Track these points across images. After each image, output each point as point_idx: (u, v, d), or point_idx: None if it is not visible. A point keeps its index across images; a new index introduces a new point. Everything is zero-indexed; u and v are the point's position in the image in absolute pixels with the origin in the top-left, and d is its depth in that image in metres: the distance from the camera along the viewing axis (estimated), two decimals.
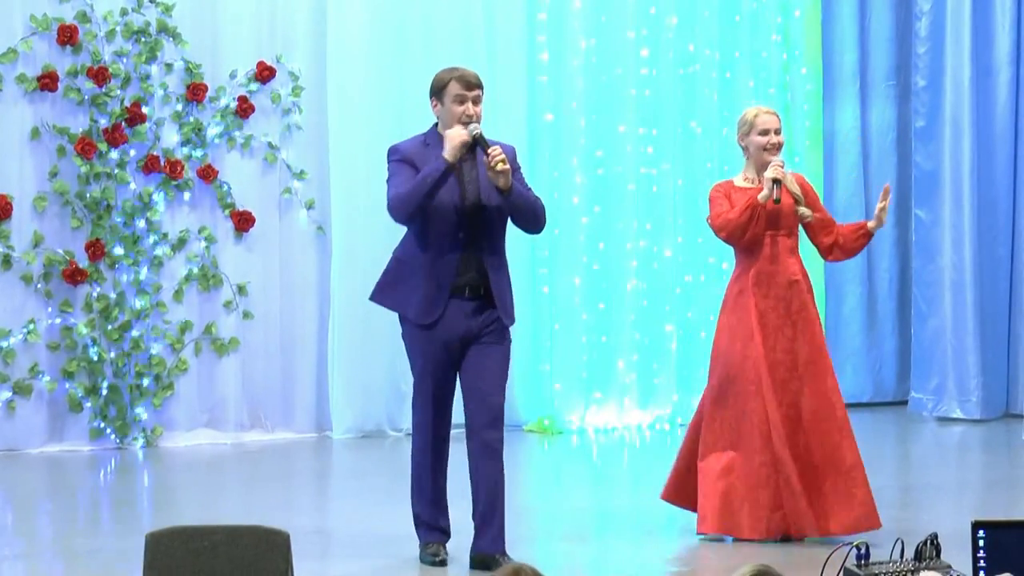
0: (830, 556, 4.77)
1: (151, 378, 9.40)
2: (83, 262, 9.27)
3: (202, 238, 9.58)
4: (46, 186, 9.24)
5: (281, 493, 8.16)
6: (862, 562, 4.75)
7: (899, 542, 4.92)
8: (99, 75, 9.26)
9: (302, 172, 9.80)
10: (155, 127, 9.45)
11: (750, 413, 6.67)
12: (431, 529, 6.34)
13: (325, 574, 6.29)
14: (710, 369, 6.88)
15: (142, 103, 9.38)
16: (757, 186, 6.76)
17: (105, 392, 9.28)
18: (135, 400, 9.34)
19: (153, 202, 9.42)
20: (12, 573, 6.41)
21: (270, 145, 9.74)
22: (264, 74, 9.69)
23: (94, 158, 9.24)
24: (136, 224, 9.39)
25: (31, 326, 9.18)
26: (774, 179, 6.62)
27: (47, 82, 9.18)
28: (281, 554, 4.03)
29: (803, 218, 6.82)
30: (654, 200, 10.46)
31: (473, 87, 6.18)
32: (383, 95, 9.80)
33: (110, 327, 9.28)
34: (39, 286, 9.22)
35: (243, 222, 9.65)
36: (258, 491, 8.16)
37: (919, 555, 4.82)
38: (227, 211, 9.63)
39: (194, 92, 9.52)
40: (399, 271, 6.24)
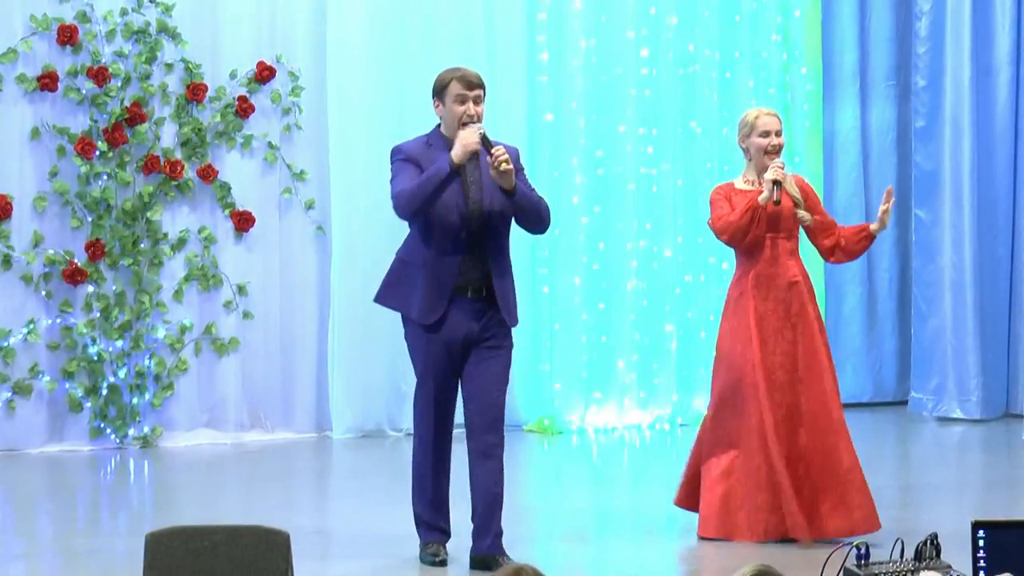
0: (830, 556, 4.77)
1: (151, 378, 9.40)
2: (83, 262, 9.27)
3: (202, 238, 9.58)
4: (46, 186, 9.24)
5: (281, 493, 8.15)
6: (862, 562, 4.76)
7: (899, 542, 4.93)
8: (99, 75, 9.26)
9: (302, 172, 9.80)
10: (155, 127, 9.45)
11: (749, 416, 6.68)
12: (431, 529, 6.34)
13: (325, 574, 6.29)
14: (713, 372, 6.89)
15: (142, 103, 9.38)
16: (757, 188, 6.76)
17: (105, 392, 9.29)
18: (135, 400, 9.34)
19: (153, 202, 9.42)
20: (12, 573, 6.40)
21: (270, 145, 9.74)
22: (264, 74, 9.68)
23: (94, 158, 9.24)
24: (136, 224, 9.39)
25: (31, 326, 9.18)
26: (774, 180, 6.62)
27: (47, 82, 9.18)
28: (281, 554, 4.04)
29: (802, 221, 6.82)
30: (654, 200, 10.45)
31: (474, 87, 6.17)
32: (383, 95, 9.80)
33: (110, 327, 9.28)
34: (39, 286, 9.22)
35: (243, 222, 9.65)
36: (258, 491, 8.16)
37: (919, 555, 4.82)
38: (227, 211, 9.63)
39: (194, 92, 9.52)
40: (402, 272, 6.24)
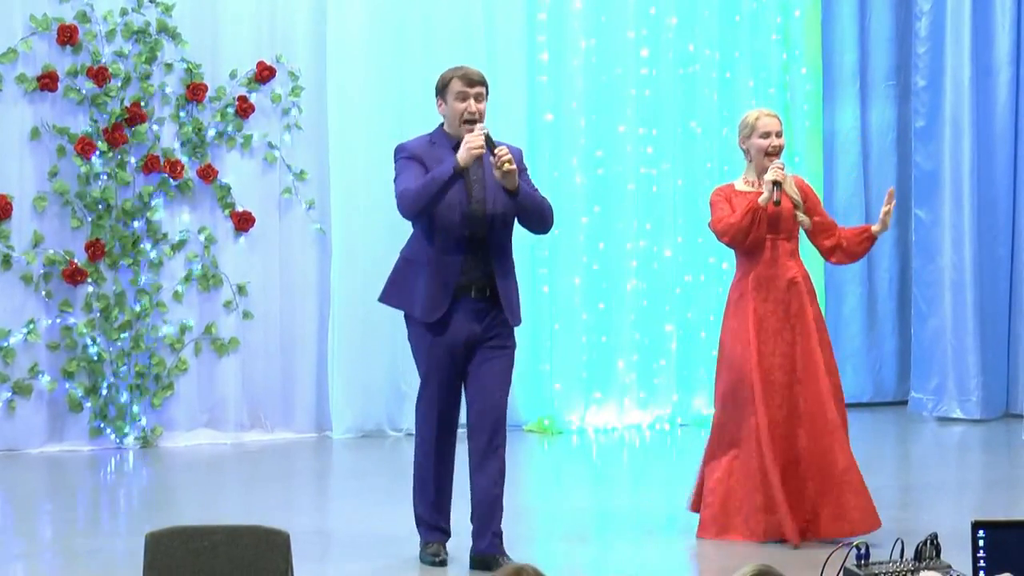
0: (830, 556, 4.77)
1: (151, 378, 9.40)
2: (83, 262, 9.27)
3: (202, 238, 9.58)
4: (46, 186, 9.24)
5: (281, 493, 8.15)
6: (862, 562, 4.75)
7: (899, 542, 4.93)
8: (99, 75, 9.26)
9: (302, 172, 9.80)
10: (155, 127, 9.45)
11: (748, 417, 6.68)
12: (432, 529, 6.33)
13: (325, 574, 6.29)
14: (716, 374, 6.89)
15: (142, 103, 9.38)
16: (757, 189, 6.75)
17: (105, 392, 9.29)
18: (135, 400, 9.34)
19: (153, 202, 9.42)
20: (12, 573, 6.40)
21: (270, 145, 9.74)
22: (264, 74, 9.68)
23: (94, 158, 9.24)
24: (136, 224, 9.39)
25: (31, 326, 9.18)
26: (774, 181, 6.62)
27: (47, 82, 9.18)
28: (281, 554, 4.03)
29: (802, 225, 6.82)
30: (654, 200, 10.45)
31: (475, 84, 6.17)
32: (383, 95, 9.80)
33: (110, 327, 9.28)
34: (39, 286, 9.22)
35: (243, 222, 9.65)
36: (258, 491, 8.15)
37: (919, 555, 4.82)
38: (227, 211, 9.63)
39: (194, 92, 9.52)
40: (406, 270, 6.23)
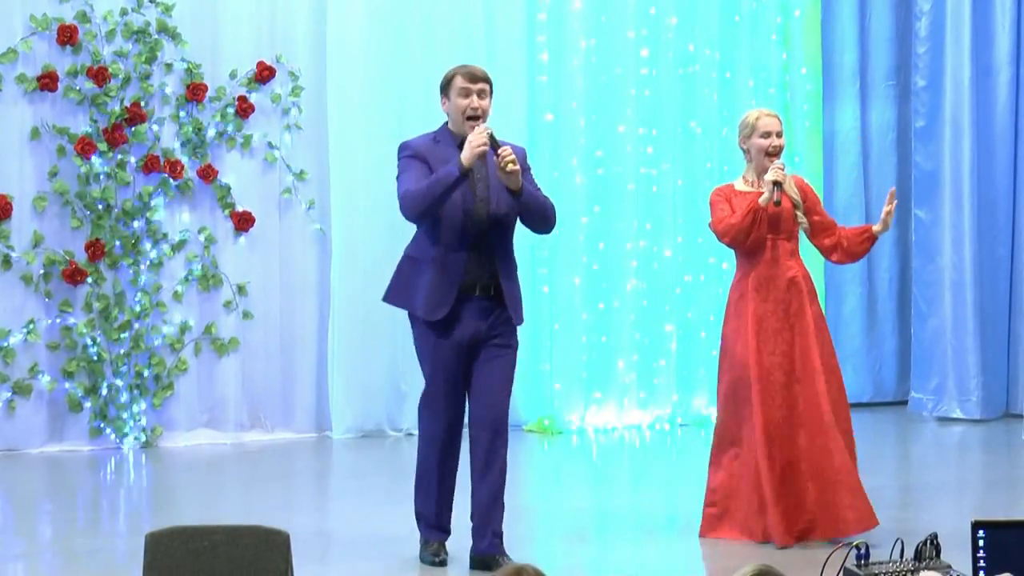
0: (830, 556, 4.77)
1: (151, 378, 9.41)
2: (83, 262, 9.27)
3: (202, 238, 9.58)
4: (46, 186, 9.24)
5: (281, 493, 8.15)
6: (862, 562, 4.75)
7: (899, 542, 4.93)
8: (99, 75, 9.26)
9: (302, 172, 9.80)
10: (155, 127, 9.45)
11: (749, 417, 6.67)
12: (433, 528, 6.33)
13: (325, 574, 6.29)
14: (718, 374, 6.88)
15: (142, 103, 9.38)
16: (757, 189, 6.75)
17: (105, 392, 9.29)
18: (135, 400, 9.34)
19: (153, 202, 9.42)
20: (12, 573, 6.40)
21: (270, 145, 9.74)
22: (264, 74, 9.69)
23: (94, 158, 9.24)
24: (136, 224, 9.39)
25: (31, 326, 9.18)
26: (774, 181, 6.61)
27: (47, 82, 9.18)
28: (281, 554, 4.03)
29: (801, 226, 6.82)
30: (654, 200, 10.46)
31: (478, 80, 6.17)
32: (383, 95, 9.80)
33: (110, 327, 9.28)
34: (39, 286, 9.22)
35: (243, 222, 9.65)
36: (258, 491, 8.15)
37: (919, 555, 4.82)
38: (227, 211, 9.63)
39: (194, 92, 9.52)
40: (410, 269, 6.22)
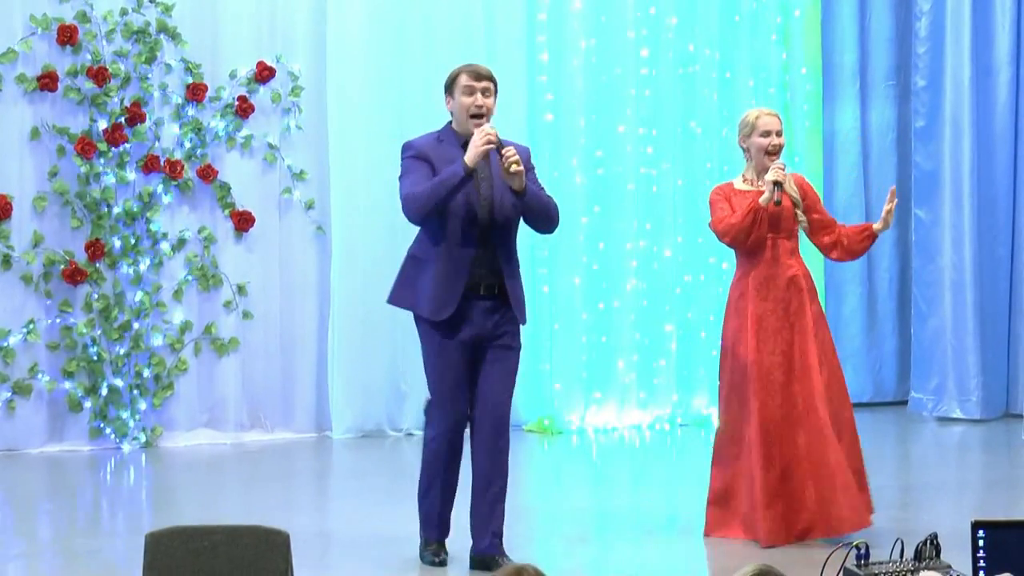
0: (830, 556, 4.77)
1: (151, 378, 9.41)
2: (83, 262, 9.27)
3: (202, 238, 9.58)
4: (46, 186, 9.24)
5: (281, 493, 8.15)
6: (862, 562, 4.75)
7: (899, 542, 4.93)
8: (99, 75, 9.26)
9: (302, 172, 9.80)
10: (155, 127, 9.45)
11: (749, 417, 6.68)
12: (436, 528, 6.31)
13: (325, 574, 6.29)
14: (719, 373, 6.88)
15: (142, 103, 9.38)
16: (757, 188, 6.75)
17: (105, 392, 9.29)
18: (135, 400, 9.34)
19: (153, 202, 9.42)
20: (12, 573, 6.40)
21: (270, 145, 9.74)
22: (264, 74, 9.69)
23: (94, 158, 9.24)
24: (136, 224, 9.39)
25: (31, 326, 9.18)
26: (775, 181, 6.61)
27: (47, 82, 9.18)
28: (281, 554, 4.03)
29: (800, 225, 6.82)
30: (654, 200, 10.46)
31: (482, 78, 6.16)
32: (383, 95, 9.80)
33: (110, 327, 9.28)
34: (39, 286, 9.22)
35: (243, 222, 9.65)
36: (258, 491, 8.15)
37: (919, 555, 4.82)
38: (227, 211, 9.64)
39: (194, 92, 9.52)
40: (414, 270, 6.20)
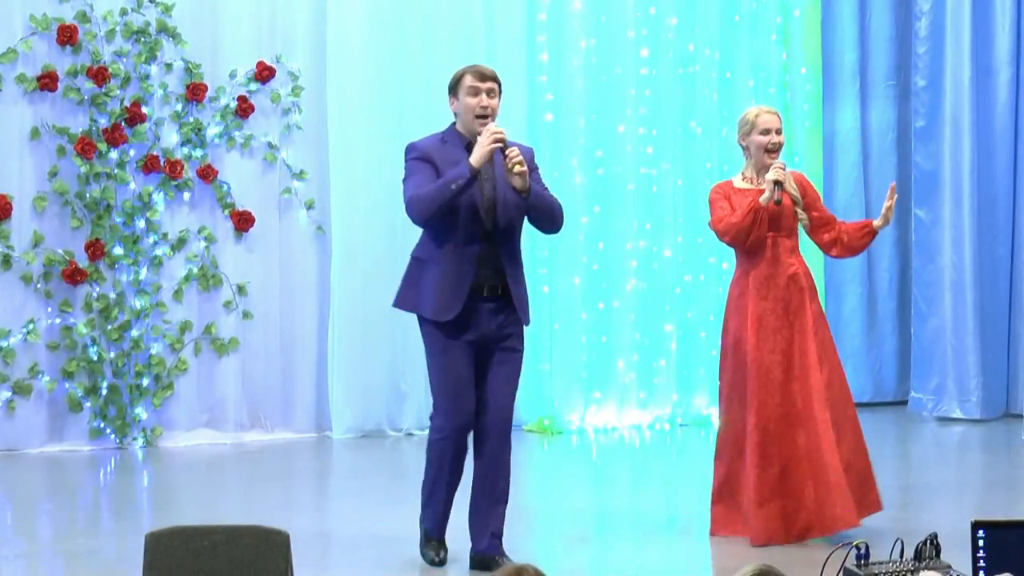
0: (830, 556, 4.77)
1: (151, 378, 9.40)
2: (83, 262, 9.27)
3: (202, 238, 9.58)
4: (46, 186, 9.24)
5: (281, 493, 8.15)
6: (862, 562, 4.75)
7: (899, 542, 4.93)
8: (99, 75, 9.26)
9: (302, 172, 9.80)
10: (155, 127, 9.45)
11: (748, 416, 6.68)
12: (437, 527, 6.32)
13: (325, 574, 6.29)
14: (719, 372, 6.87)
15: (142, 103, 9.38)
16: (756, 187, 6.75)
17: (105, 392, 9.29)
18: (135, 400, 9.34)
19: (153, 202, 9.42)
20: (12, 573, 6.40)
21: (270, 145, 9.74)
22: (264, 74, 9.69)
23: (94, 158, 9.24)
24: (136, 224, 9.39)
25: (31, 326, 9.18)
26: (775, 181, 6.61)
27: (47, 82, 9.18)
28: (281, 554, 4.03)
29: (801, 222, 6.82)
30: (654, 200, 10.46)
31: (487, 79, 6.15)
32: (383, 95, 9.80)
33: (110, 327, 9.28)
34: (39, 286, 9.22)
35: (243, 222, 9.65)
36: (258, 491, 8.15)
37: (919, 555, 4.82)
38: (227, 211, 9.63)
39: (194, 92, 9.52)
40: (418, 271, 6.18)
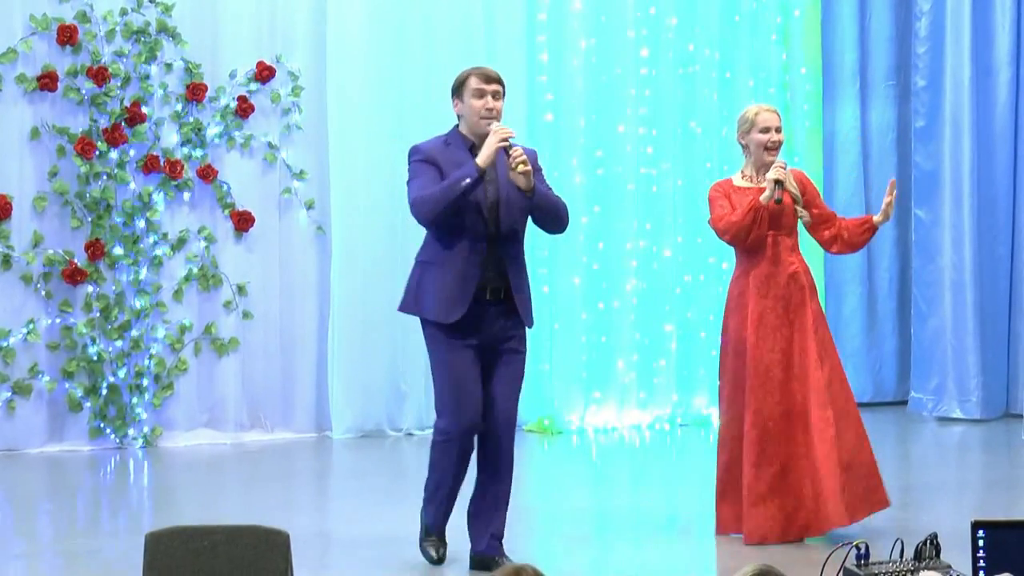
0: (830, 556, 4.77)
1: (151, 378, 9.40)
2: (83, 262, 9.27)
3: (202, 238, 9.58)
4: (46, 186, 9.24)
5: (281, 493, 8.15)
6: (862, 562, 4.75)
7: (899, 542, 4.93)
8: (99, 75, 9.26)
9: (302, 172, 9.80)
10: (155, 127, 9.45)
11: (744, 415, 6.68)
12: (439, 527, 6.32)
13: (325, 574, 6.29)
14: (719, 371, 6.87)
15: (142, 103, 9.38)
16: (756, 185, 6.74)
17: (105, 392, 9.28)
18: (135, 400, 9.34)
19: (153, 202, 9.42)
20: (12, 573, 6.40)
21: (270, 145, 9.74)
22: (264, 74, 9.68)
23: (94, 158, 9.24)
24: (136, 224, 9.39)
25: (31, 326, 9.18)
26: (776, 180, 6.61)
27: (47, 82, 9.18)
28: (281, 554, 4.03)
29: (802, 219, 6.82)
30: (654, 200, 10.46)
31: (492, 81, 6.15)
32: (383, 95, 9.80)
33: (110, 327, 9.28)
34: (39, 286, 9.22)
35: (243, 222, 9.65)
36: (258, 491, 8.15)
37: (919, 555, 4.82)
38: (227, 211, 9.63)
39: (194, 92, 9.52)
40: (423, 275, 6.16)
